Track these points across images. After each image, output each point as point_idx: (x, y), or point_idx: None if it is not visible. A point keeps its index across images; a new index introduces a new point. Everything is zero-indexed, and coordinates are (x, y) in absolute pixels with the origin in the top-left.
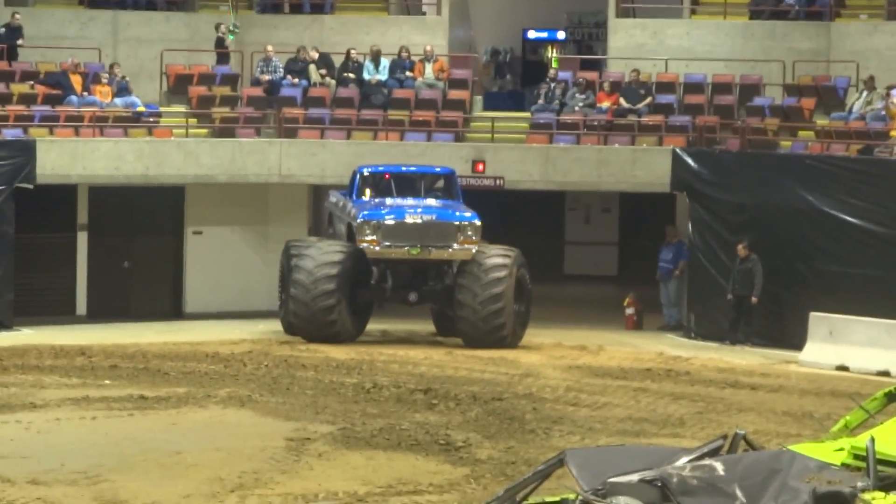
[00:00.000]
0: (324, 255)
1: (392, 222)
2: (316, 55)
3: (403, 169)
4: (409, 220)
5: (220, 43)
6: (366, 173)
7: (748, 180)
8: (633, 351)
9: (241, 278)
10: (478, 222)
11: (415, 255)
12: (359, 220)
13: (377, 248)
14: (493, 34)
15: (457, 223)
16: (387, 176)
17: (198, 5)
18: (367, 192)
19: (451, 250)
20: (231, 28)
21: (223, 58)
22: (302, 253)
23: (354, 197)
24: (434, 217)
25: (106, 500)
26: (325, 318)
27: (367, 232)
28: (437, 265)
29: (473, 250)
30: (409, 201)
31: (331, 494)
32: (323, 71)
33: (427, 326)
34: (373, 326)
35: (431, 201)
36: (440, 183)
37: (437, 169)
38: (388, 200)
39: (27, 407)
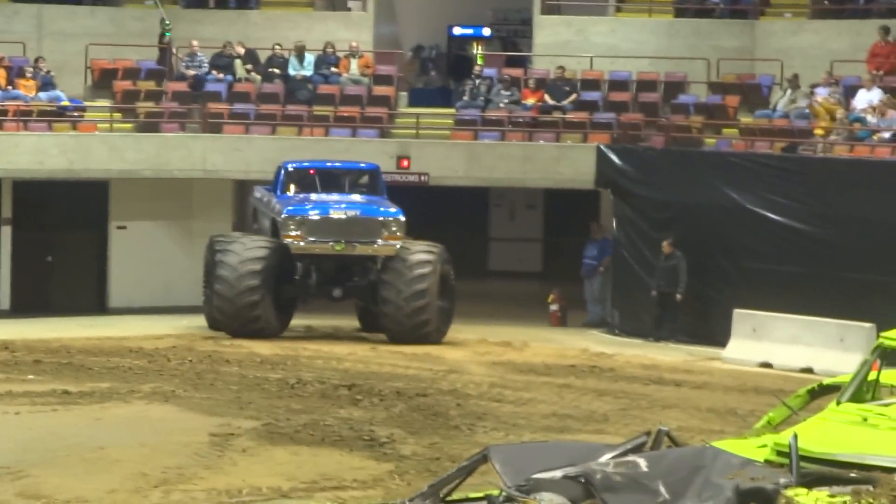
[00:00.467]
0: (248, 251)
1: (316, 217)
2: (242, 50)
3: (328, 165)
4: (333, 215)
5: (162, 38)
6: (290, 169)
7: (672, 177)
8: (557, 347)
9: (165, 273)
10: (402, 218)
11: (339, 251)
12: (283, 216)
13: (301, 244)
14: (419, 30)
15: (381, 219)
16: (311, 171)
17: (122, 0)
18: (292, 187)
19: (375, 246)
20: (163, 24)
21: (163, 52)
22: (226, 248)
23: (279, 192)
24: (358, 213)
25: (29, 495)
26: (249, 314)
27: (292, 227)
28: (361, 261)
29: (398, 246)
30: (334, 197)
31: (255, 490)
32: (248, 66)
33: (351, 322)
34: (297, 322)
35: (356, 197)
36: (365, 179)
37: (362, 165)
38: (313, 196)
39: None
